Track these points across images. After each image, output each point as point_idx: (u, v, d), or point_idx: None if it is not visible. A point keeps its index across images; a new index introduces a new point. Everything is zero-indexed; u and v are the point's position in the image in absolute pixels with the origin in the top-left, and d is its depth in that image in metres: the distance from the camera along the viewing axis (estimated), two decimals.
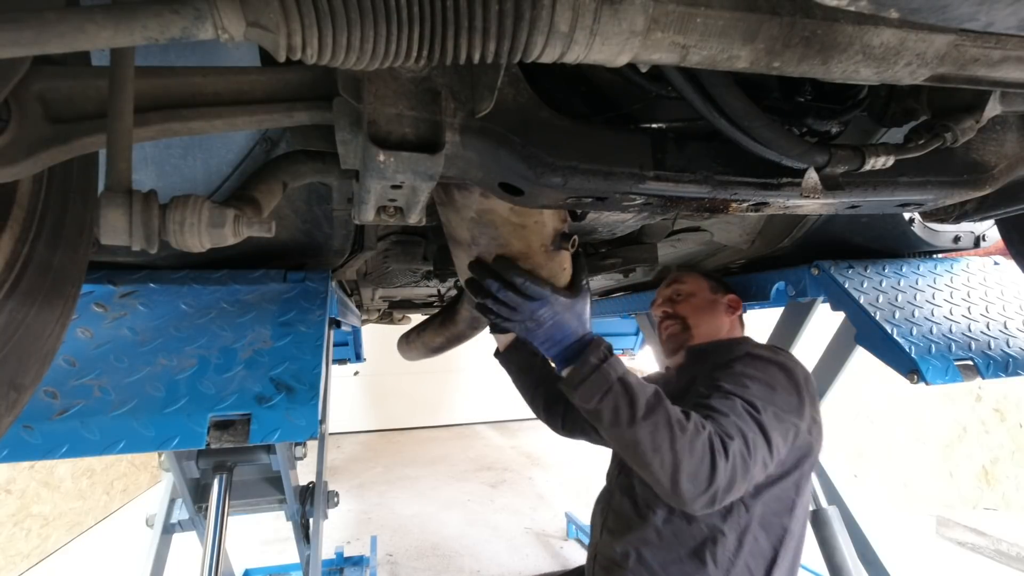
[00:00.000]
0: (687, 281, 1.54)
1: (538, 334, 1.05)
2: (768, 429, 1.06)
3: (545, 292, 1.03)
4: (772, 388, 1.14)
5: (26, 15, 0.43)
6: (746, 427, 1.04)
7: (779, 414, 1.10)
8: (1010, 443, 4.39)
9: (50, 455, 0.91)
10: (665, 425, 0.97)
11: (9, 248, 0.56)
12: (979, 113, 0.80)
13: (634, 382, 1.02)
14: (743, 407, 1.08)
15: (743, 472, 1.00)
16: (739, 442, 1.01)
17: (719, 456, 0.97)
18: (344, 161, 0.77)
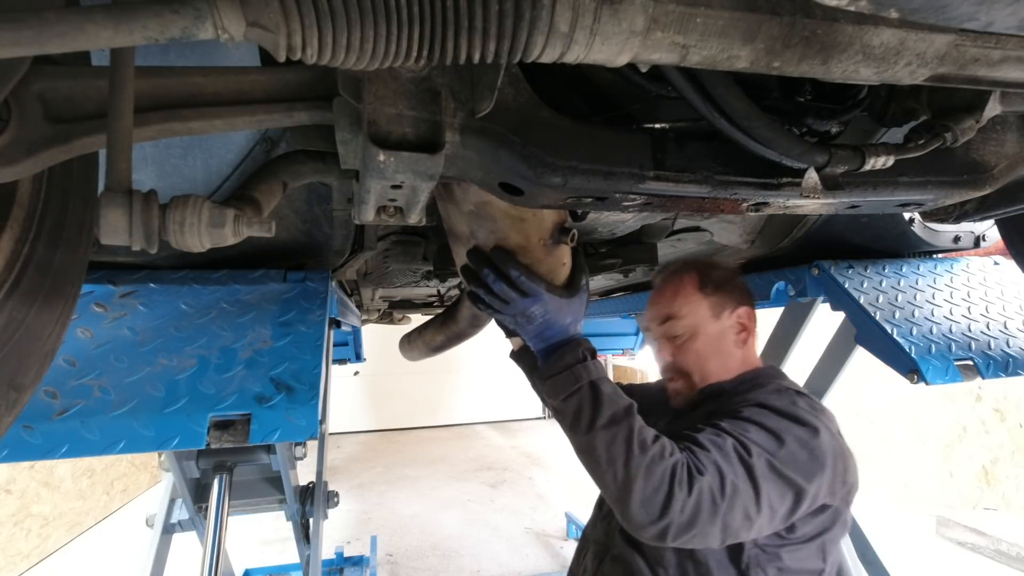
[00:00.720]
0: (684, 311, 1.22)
1: (528, 329, 1.04)
2: (758, 477, 0.91)
3: (539, 289, 1.00)
4: (779, 440, 0.97)
5: (26, 15, 0.43)
6: (727, 467, 0.91)
7: (777, 466, 0.94)
8: (1010, 443, 4.39)
9: (50, 455, 0.91)
10: (624, 439, 0.90)
11: (9, 248, 0.56)
12: (979, 113, 0.80)
13: (607, 390, 0.97)
14: (733, 446, 0.94)
15: (710, 513, 0.87)
16: (711, 480, 0.88)
17: (678, 487, 0.86)
18: (344, 161, 0.77)
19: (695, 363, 1.20)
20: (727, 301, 1.21)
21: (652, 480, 0.86)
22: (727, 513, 0.88)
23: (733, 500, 0.88)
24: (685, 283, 1.22)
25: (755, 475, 0.91)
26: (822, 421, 1.02)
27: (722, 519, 0.88)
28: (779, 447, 0.96)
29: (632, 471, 0.87)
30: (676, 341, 1.21)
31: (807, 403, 1.07)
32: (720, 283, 1.22)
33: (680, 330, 1.20)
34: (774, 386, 1.12)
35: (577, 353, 1.00)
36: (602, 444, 0.91)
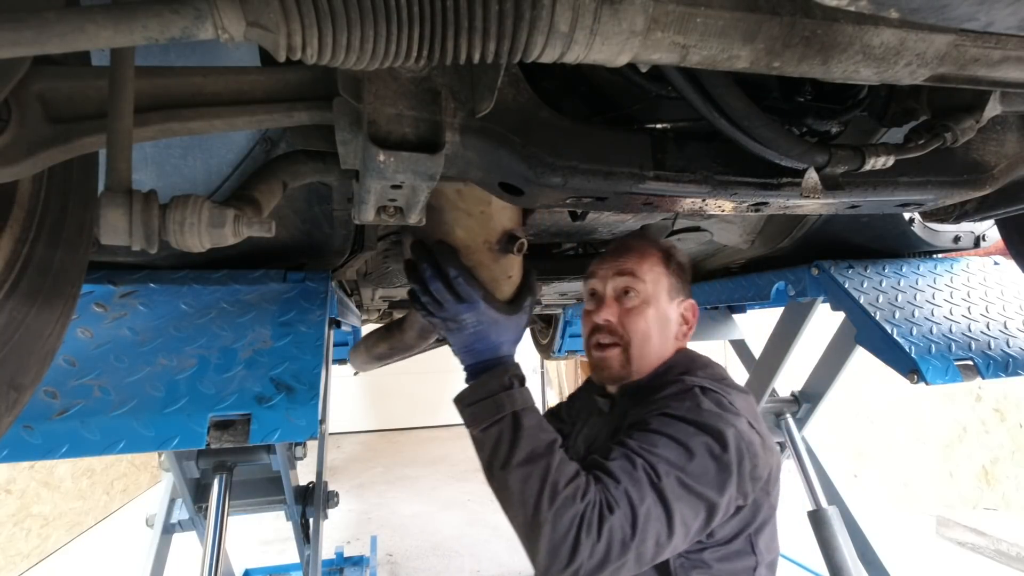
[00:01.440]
0: (648, 276, 1.14)
1: (457, 337, 0.98)
2: (670, 500, 0.87)
3: (475, 296, 0.95)
4: (689, 453, 0.92)
5: (26, 15, 0.43)
6: (638, 496, 0.86)
7: (688, 483, 0.90)
8: (1010, 443, 4.39)
9: (50, 455, 0.91)
10: (539, 480, 0.85)
11: (9, 248, 0.56)
12: (979, 113, 0.80)
13: (529, 423, 0.91)
14: (643, 468, 0.89)
15: (620, 551, 0.84)
16: (622, 517, 0.84)
17: (586, 533, 0.82)
18: (344, 161, 0.77)
19: (640, 333, 1.12)
20: (683, 289, 1.18)
21: (560, 527, 0.82)
22: (639, 546, 0.85)
23: (645, 531, 0.85)
24: (652, 253, 1.17)
25: (667, 498, 0.87)
26: (729, 419, 0.96)
27: (635, 553, 0.85)
28: (689, 461, 0.91)
29: (541, 516, 0.83)
30: (627, 302, 1.13)
31: (713, 399, 1.00)
32: (681, 269, 1.19)
33: (638, 291, 1.13)
34: (678, 387, 1.05)
35: (503, 379, 0.95)
36: (516, 483, 0.87)
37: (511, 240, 0.98)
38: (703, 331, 2.61)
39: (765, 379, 2.13)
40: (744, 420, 0.98)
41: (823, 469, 2.24)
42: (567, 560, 0.82)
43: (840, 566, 1.92)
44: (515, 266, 1.05)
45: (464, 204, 0.95)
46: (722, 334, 2.64)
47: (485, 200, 0.96)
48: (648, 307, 1.13)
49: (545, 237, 1.62)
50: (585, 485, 0.86)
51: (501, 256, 1.00)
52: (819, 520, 2.03)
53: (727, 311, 2.67)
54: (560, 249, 2.01)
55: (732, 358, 2.95)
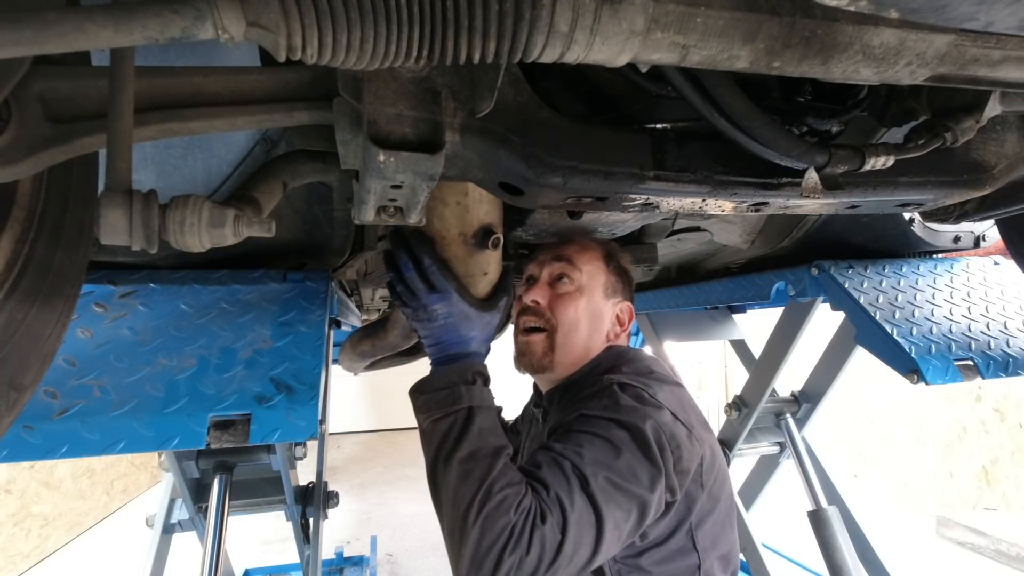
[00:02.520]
0: (585, 267, 1.13)
1: (427, 327, 0.96)
2: (600, 503, 0.84)
3: (448, 287, 0.94)
4: (616, 451, 0.89)
5: (26, 15, 0.43)
6: (569, 503, 0.82)
7: (615, 481, 0.86)
8: (1010, 443, 4.39)
9: (50, 455, 0.91)
10: (476, 482, 0.82)
11: (9, 248, 0.56)
12: (979, 113, 0.80)
13: (482, 423, 0.88)
14: (572, 470, 0.86)
15: (550, 562, 0.79)
16: (553, 524, 0.81)
17: (513, 547, 0.78)
18: (344, 161, 0.78)
19: (568, 321, 1.10)
20: (620, 289, 1.17)
21: (487, 536, 0.78)
22: (572, 553, 0.81)
23: (578, 537, 0.81)
24: (593, 248, 1.17)
25: (597, 502, 0.84)
26: (647, 413, 0.92)
27: (566, 559, 0.81)
28: (615, 458, 0.88)
29: (470, 521, 0.80)
30: (560, 288, 1.12)
31: (631, 394, 0.96)
32: (621, 271, 1.18)
33: (573, 279, 1.12)
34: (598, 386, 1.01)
35: (466, 374, 0.92)
36: (453, 480, 0.84)
37: (487, 234, 0.97)
38: (703, 331, 2.61)
39: (765, 379, 2.13)
40: (666, 412, 0.95)
41: (823, 469, 2.24)
42: (490, 573, 0.78)
43: (840, 566, 1.91)
44: (492, 263, 1.03)
45: (440, 193, 0.95)
46: (722, 334, 2.64)
47: (462, 191, 0.96)
48: (581, 296, 1.11)
49: (545, 237, 1.62)
50: (523, 495, 0.83)
51: (476, 251, 0.99)
52: (819, 520, 2.03)
53: (727, 311, 2.67)
54: None
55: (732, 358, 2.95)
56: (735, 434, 2.28)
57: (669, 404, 0.97)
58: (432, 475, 0.88)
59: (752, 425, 2.23)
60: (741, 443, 2.29)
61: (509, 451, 0.90)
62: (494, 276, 1.06)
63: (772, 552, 2.91)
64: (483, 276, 1.03)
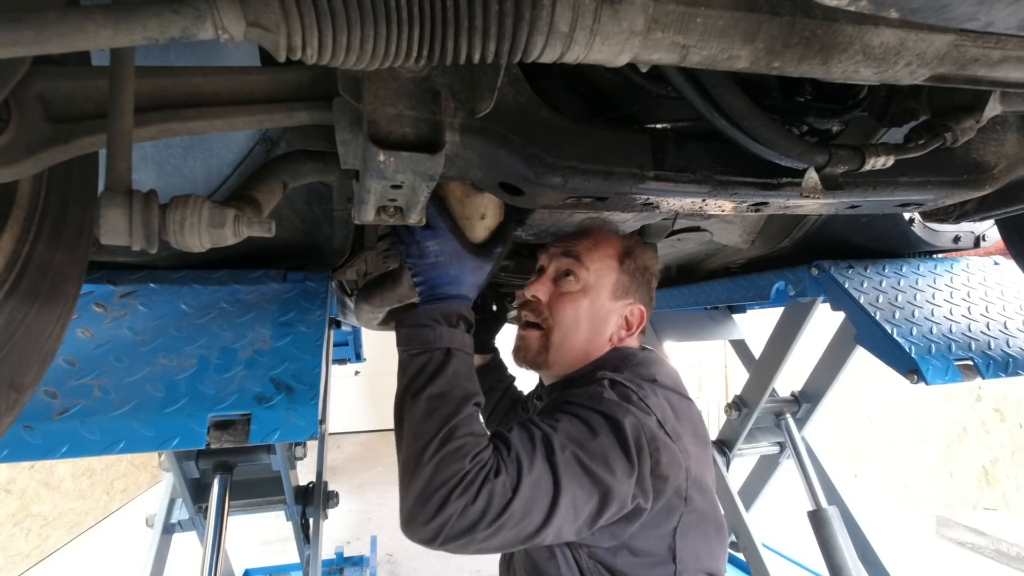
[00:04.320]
0: (594, 265, 1.09)
1: (418, 264, 0.95)
2: (561, 475, 0.82)
3: (442, 225, 0.93)
4: (592, 432, 0.87)
5: (26, 15, 0.43)
6: (528, 465, 0.81)
7: (583, 459, 0.84)
8: (1010, 443, 4.39)
9: (50, 455, 0.91)
10: (440, 421, 0.82)
11: (9, 248, 0.56)
12: (979, 113, 0.80)
13: (457, 368, 0.88)
14: (541, 439, 0.85)
15: (495, 516, 0.78)
16: (505, 481, 0.79)
17: (460, 492, 0.77)
18: (344, 161, 0.78)
19: (565, 322, 1.07)
20: (633, 290, 1.10)
21: (439, 476, 0.78)
22: (520, 517, 0.79)
23: (529, 502, 0.80)
24: (609, 244, 1.11)
25: (558, 472, 0.82)
26: (629, 410, 0.90)
27: (513, 521, 0.79)
28: (589, 439, 0.86)
29: (425, 458, 0.79)
30: (563, 286, 1.09)
31: (619, 392, 0.94)
32: (637, 270, 1.11)
33: (578, 277, 1.08)
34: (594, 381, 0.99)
35: (451, 316, 0.92)
36: (418, 415, 0.84)
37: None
38: (703, 331, 2.61)
39: (765, 379, 2.13)
40: (652, 418, 0.92)
41: (823, 469, 2.24)
42: (433, 513, 0.77)
43: (840, 566, 1.92)
44: (490, 207, 1.01)
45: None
46: (722, 334, 2.64)
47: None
48: (584, 297, 1.08)
49: (545, 237, 1.62)
50: (483, 447, 0.82)
51: (474, 192, 0.97)
52: (819, 520, 2.03)
53: (727, 311, 2.67)
54: None
55: (732, 358, 2.95)
56: (735, 434, 2.28)
57: (658, 410, 0.94)
58: (399, 406, 0.88)
59: (752, 425, 2.24)
60: (741, 443, 2.29)
61: (479, 400, 0.89)
62: (491, 222, 1.02)
63: (772, 552, 2.91)
64: (480, 220, 1.00)
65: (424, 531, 0.78)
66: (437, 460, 0.79)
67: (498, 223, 1.05)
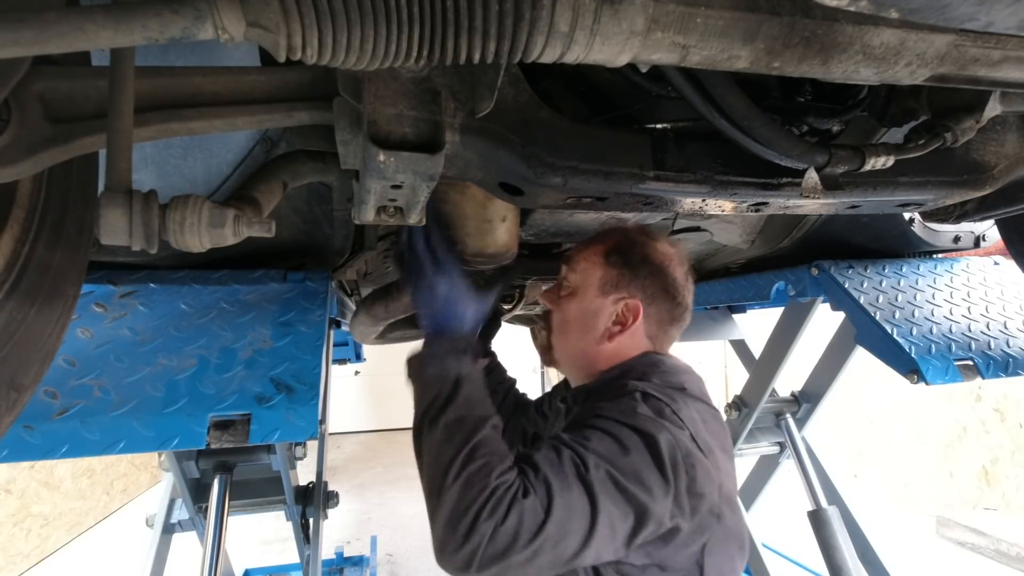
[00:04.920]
0: (581, 266, 1.10)
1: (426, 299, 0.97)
2: (597, 494, 0.79)
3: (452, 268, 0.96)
4: (624, 448, 0.84)
5: (26, 15, 0.43)
6: (560, 486, 0.78)
7: (618, 479, 0.81)
8: (1010, 443, 4.39)
9: (50, 455, 0.91)
10: (458, 444, 0.81)
11: (9, 248, 0.56)
12: (979, 113, 0.80)
13: (469, 394, 0.88)
14: (570, 458, 0.82)
15: (528, 540, 0.74)
16: (535, 502, 0.76)
17: (489, 512, 0.74)
18: (344, 161, 0.77)
19: (556, 324, 1.11)
20: (624, 284, 1.06)
21: (465, 498, 0.76)
22: (556, 539, 0.76)
23: (564, 524, 0.76)
24: (597, 243, 1.11)
25: (594, 492, 0.79)
26: (664, 426, 0.87)
27: (549, 546, 0.76)
28: (622, 456, 0.83)
29: (447, 482, 0.78)
30: (562, 291, 1.12)
31: (652, 406, 0.91)
32: (629, 263, 1.07)
33: (569, 282, 1.11)
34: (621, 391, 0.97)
35: (458, 346, 0.93)
36: (436, 442, 0.84)
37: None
38: (703, 331, 2.61)
39: (765, 379, 2.13)
40: (686, 433, 0.89)
41: (823, 469, 2.24)
42: (463, 538, 0.74)
43: (840, 566, 1.91)
44: (511, 211, 1.02)
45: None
46: (722, 334, 2.64)
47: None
48: (572, 299, 1.10)
49: (545, 237, 1.62)
50: (507, 466, 0.80)
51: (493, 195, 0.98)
52: (819, 520, 2.03)
53: (727, 311, 2.67)
54: (560, 249, 2.01)
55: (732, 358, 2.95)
56: (735, 434, 2.28)
57: (691, 424, 0.91)
58: (417, 436, 0.89)
59: (752, 425, 2.24)
60: (741, 443, 2.29)
61: (497, 422, 0.88)
62: (511, 223, 1.04)
63: (772, 552, 2.91)
64: (501, 222, 1.02)
65: (456, 558, 0.74)
66: (462, 482, 0.77)
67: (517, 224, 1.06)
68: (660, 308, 1.07)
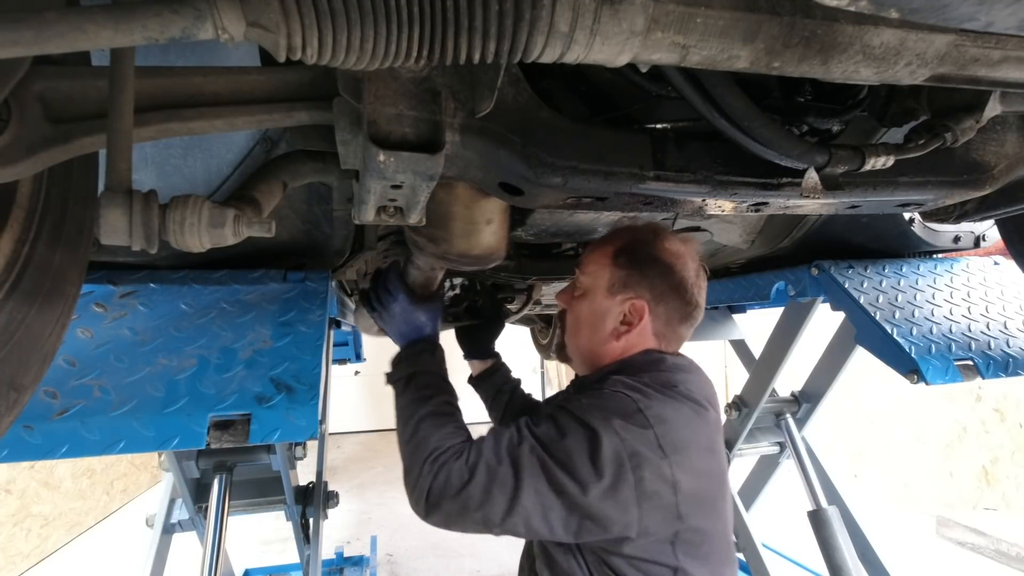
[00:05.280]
0: (589, 268, 1.14)
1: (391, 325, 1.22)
2: (521, 468, 0.88)
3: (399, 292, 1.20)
4: (562, 437, 0.90)
5: (26, 15, 0.43)
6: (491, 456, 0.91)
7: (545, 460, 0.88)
8: (1010, 443, 4.39)
9: (50, 455, 0.91)
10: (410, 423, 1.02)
11: (9, 248, 0.56)
12: (979, 113, 0.80)
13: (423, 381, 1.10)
14: (509, 437, 0.93)
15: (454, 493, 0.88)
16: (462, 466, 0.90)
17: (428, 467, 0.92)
18: (344, 161, 0.77)
19: (572, 323, 1.17)
20: (631, 284, 1.07)
21: (415, 459, 0.95)
22: (483, 501, 0.87)
23: (488, 489, 0.88)
24: (606, 245, 1.14)
25: (519, 466, 0.88)
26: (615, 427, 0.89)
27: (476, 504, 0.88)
28: (559, 441, 0.90)
29: (404, 451, 0.99)
30: (574, 292, 1.17)
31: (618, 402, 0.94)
32: (636, 263, 1.08)
33: (580, 284, 1.16)
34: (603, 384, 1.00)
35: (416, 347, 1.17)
36: (399, 425, 1.05)
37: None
38: (703, 331, 2.61)
39: (765, 379, 2.12)
40: (650, 432, 0.90)
41: (823, 469, 2.24)
42: (412, 487, 0.94)
43: (840, 566, 1.91)
44: (496, 212, 1.02)
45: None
46: (722, 334, 2.63)
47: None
48: (583, 300, 1.14)
49: (545, 237, 1.62)
50: (450, 436, 0.98)
51: (481, 197, 0.99)
52: (819, 520, 2.03)
53: (727, 311, 2.67)
54: (560, 249, 2.01)
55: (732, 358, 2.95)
56: (735, 434, 2.28)
57: (658, 423, 0.91)
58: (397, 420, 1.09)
59: (752, 425, 2.23)
60: (741, 443, 2.29)
61: (449, 399, 1.09)
62: (498, 226, 1.05)
63: (772, 552, 2.91)
64: (487, 224, 1.02)
65: (412, 503, 0.94)
66: (410, 450, 0.98)
67: (504, 227, 1.07)
68: (669, 307, 1.09)
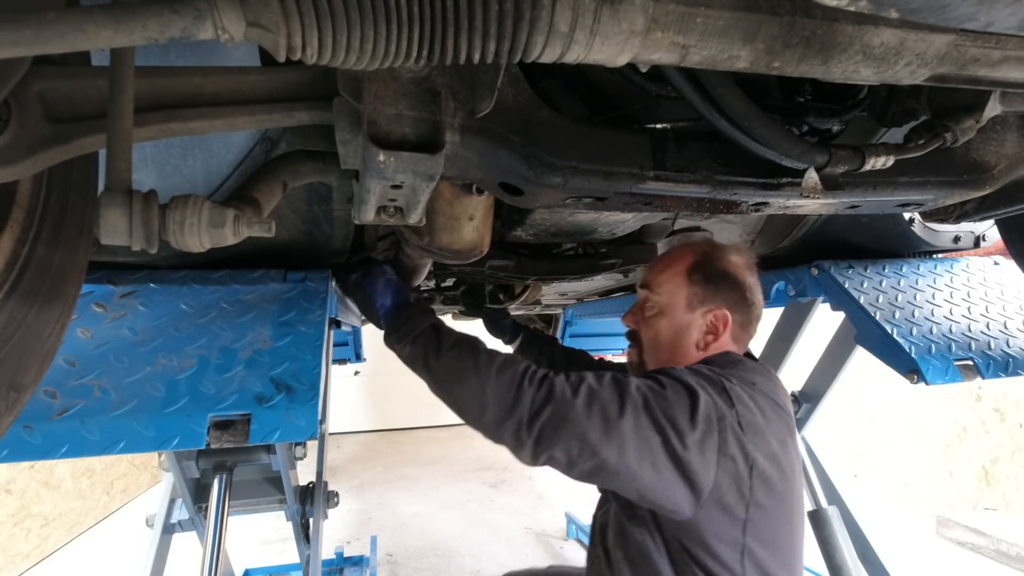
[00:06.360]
0: (663, 288, 1.18)
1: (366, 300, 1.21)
2: (626, 402, 0.88)
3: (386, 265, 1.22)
4: (663, 388, 0.94)
5: (26, 15, 0.43)
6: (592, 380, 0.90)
7: (649, 400, 0.90)
8: (1010, 443, 4.39)
9: (50, 455, 0.91)
10: (471, 353, 0.97)
11: (9, 248, 0.56)
12: (979, 113, 0.80)
13: (449, 329, 1.07)
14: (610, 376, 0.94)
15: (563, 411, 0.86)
16: (564, 381, 0.89)
17: (528, 382, 0.89)
18: (344, 161, 0.77)
19: (650, 341, 1.19)
20: (710, 297, 1.14)
21: (503, 379, 0.91)
22: (585, 428, 0.86)
23: (589, 401, 0.88)
24: (677, 261, 1.19)
25: (625, 398, 0.89)
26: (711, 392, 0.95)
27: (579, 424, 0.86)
28: (660, 391, 0.93)
29: (482, 374, 0.93)
30: (646, 312, 1.20)
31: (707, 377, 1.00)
32: (712, 277, 1.14)
33: (653, 304, 1.18)
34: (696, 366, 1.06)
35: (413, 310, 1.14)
36: (451, 362, 0.99)
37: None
38: None
39: None
40: (733, 410, 0.95)
41: (823, 469, 2.24)
42: (510, 406, 0.89)
43: (840, 566, 1.91)
44: (478, 208, 1.06)
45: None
46: None
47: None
48: (662, 318, 1.17)
49: (545, 237, 1.62)
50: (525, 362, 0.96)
51: (463, 194, 1.02)
52: (819, 520, 2.03)
53: None
54: (560, 249, 2.01)
55: None
56: None
57: (740, 405, 0.97)
58: (429, 374, 1.03)
59: None
60: None
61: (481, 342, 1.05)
62: (481, 223, 1.10)
63: None
64: (468, 220, 1.07)
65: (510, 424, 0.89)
66: (496, 368, 0.93)
67: (487, 224, 1.11)
68: (741, 313, 1.16)
